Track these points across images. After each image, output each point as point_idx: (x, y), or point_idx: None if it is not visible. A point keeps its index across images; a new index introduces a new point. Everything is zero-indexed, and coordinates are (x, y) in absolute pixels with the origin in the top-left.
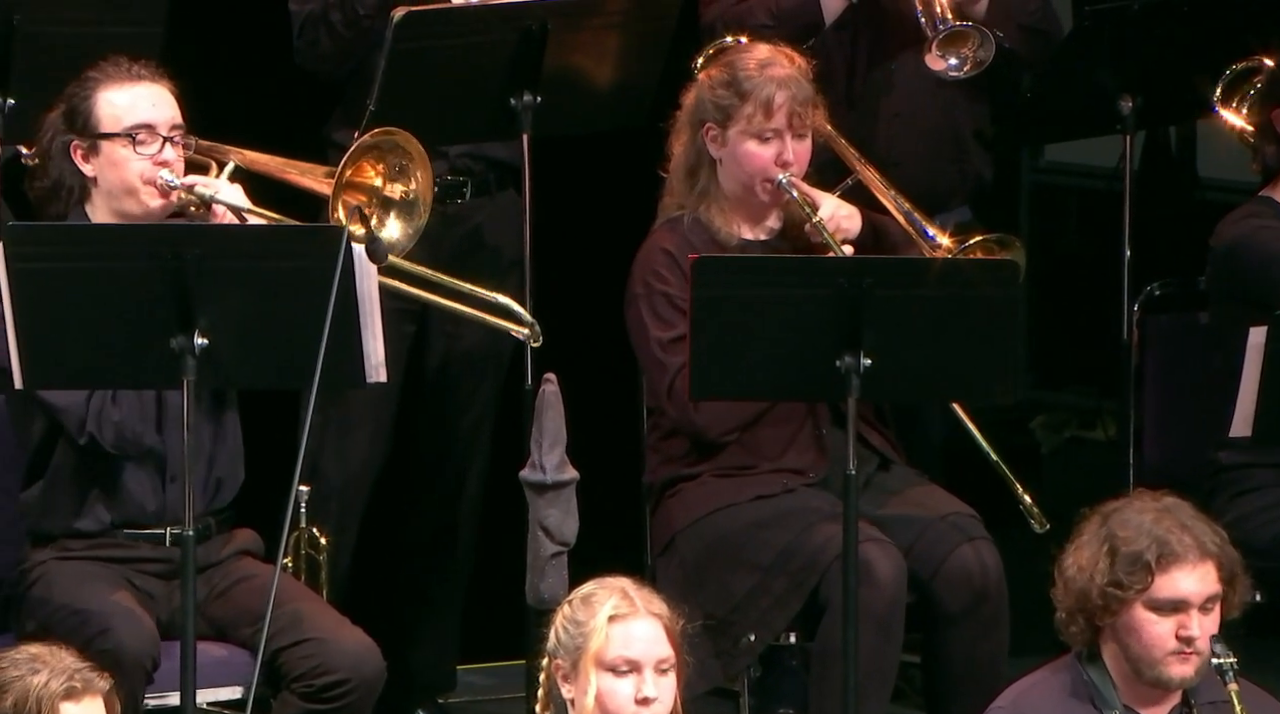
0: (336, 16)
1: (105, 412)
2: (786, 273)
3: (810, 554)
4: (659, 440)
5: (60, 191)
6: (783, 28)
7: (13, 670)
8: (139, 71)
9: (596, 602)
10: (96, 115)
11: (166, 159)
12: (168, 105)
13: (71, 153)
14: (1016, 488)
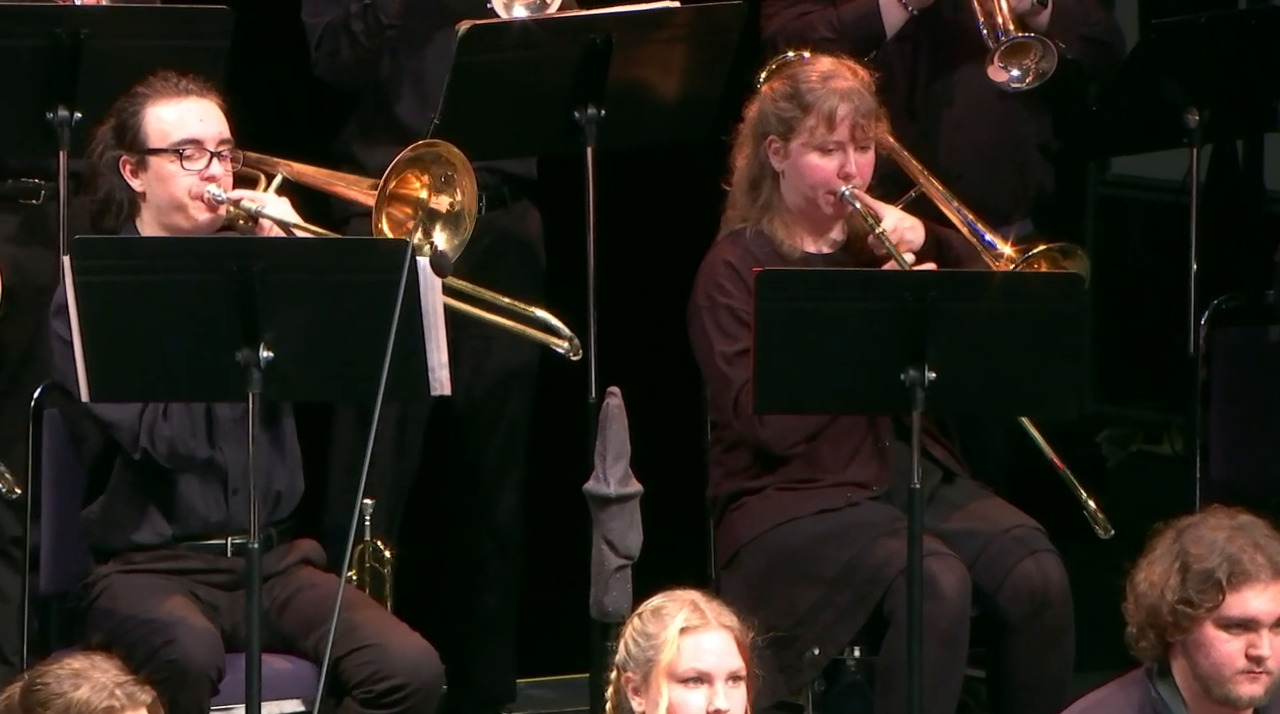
0: (358, 26)
1: (157, 427)
2: (850, 286)
3: (874, 568)
4: (722, 453)
5: (111, 206)
6: (844, 40)
7: (55, 686)
8: (187, 86)
9: (667, 614)
10: (145, 131)
11: (214, 174)
12: (215, 120)
13: (121, 168)
14: (1080, 493)
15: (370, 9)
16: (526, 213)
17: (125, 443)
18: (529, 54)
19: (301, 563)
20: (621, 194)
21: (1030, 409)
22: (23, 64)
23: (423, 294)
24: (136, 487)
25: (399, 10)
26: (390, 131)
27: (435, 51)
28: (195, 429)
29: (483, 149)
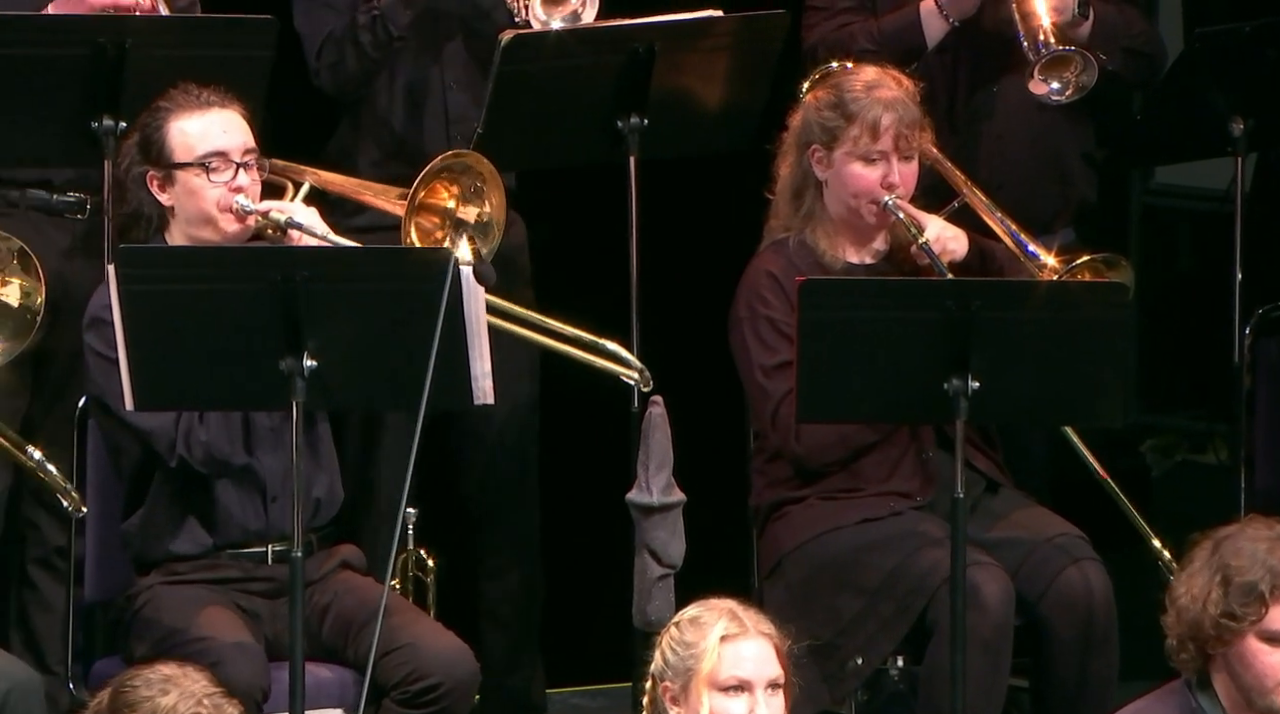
0: (366, 38)
1: (193, 433)
2: (893, 295)
3: (917, 577)
4: (765, 463)
5: (140, 220)
6: (885, 51)
7: (144, 690)
8: (209, 98)
9: (705, 623)
10: (169, 145)
11: (241, 185)
12: (239, 131)
13: (148, 183)
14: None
15: (380, 20)
16: (512, 222)
17: (162, 450)
18: (571, 63)
19: (341, 567)
20: (663, 203)
21: (1074, 419)
22: (68, 73)
23: (465, 303)
24: (175, 498)
25: (409, 22)
26: (381, 138)
27: (426, 59)
28: (232, 436)
29: (525, 158)
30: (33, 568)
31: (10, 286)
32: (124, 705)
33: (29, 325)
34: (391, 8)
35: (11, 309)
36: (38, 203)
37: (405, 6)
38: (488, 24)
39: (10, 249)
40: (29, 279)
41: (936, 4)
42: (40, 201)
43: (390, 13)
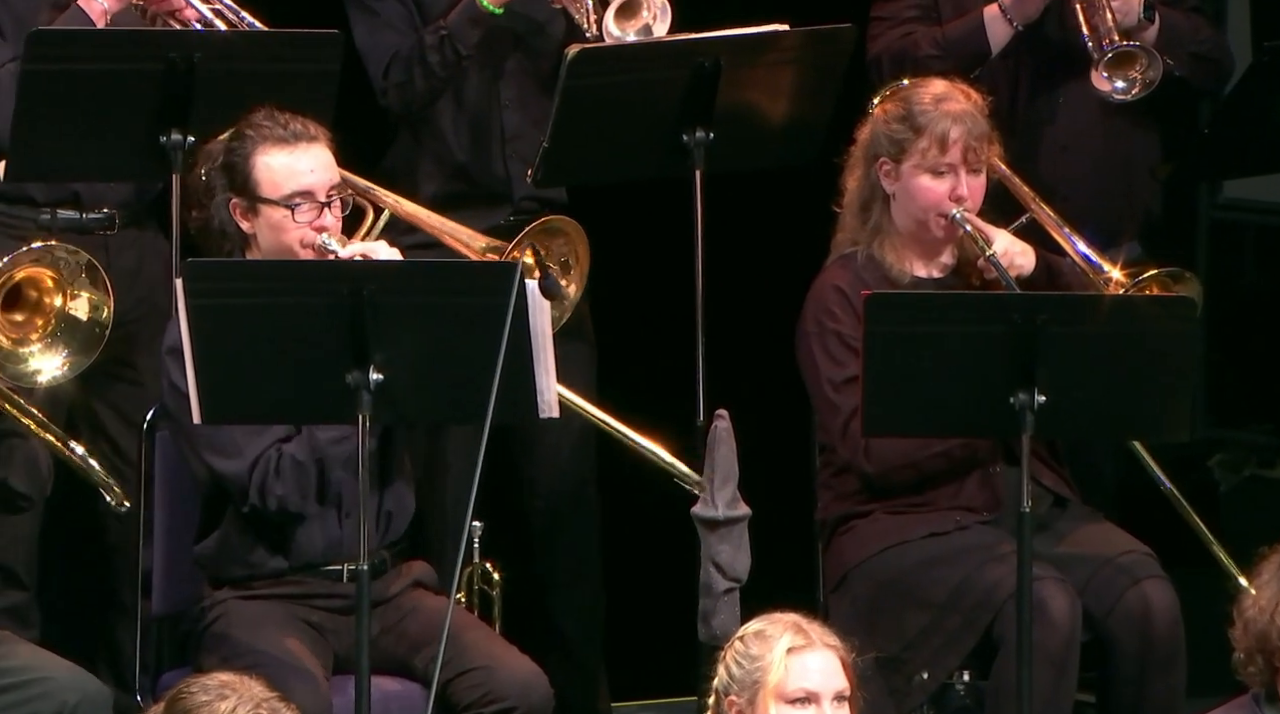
0: (435, 58)
1: (268, 485)
2: (959, 309)
3: (984, 592)
4: (831, 477)
5: (224, 241)
6: (949, 58)
7: (202, 695)
8: (296, 130)
9: (771, 636)
10: (255, 178)
11: (325, 225)
12: (325, 168)
13: (231, 210)
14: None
15: (448, 40)
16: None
17: (235, 497)
18: (638, 77)
19: (413, 586)
20: (730, 216)
21: (1141, 433)
22: (137, 88)
23: (531, 317)
24: (251, 522)
25: (477, 41)
26: (438, 155)
27: (483, 75)
28: (305, 489)
29: (590, 173)
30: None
31: (79, 300)
32: (181, 712)
33: (97, 338)
34: (460, 27)
35: (80, 322)
36: (69, 223)
37: (473, 26)
38: (543, 39)
39: (79, 262)
40: (97, 292)
41: (1000, 9)
42: (71, 222)
43: (458, 32)
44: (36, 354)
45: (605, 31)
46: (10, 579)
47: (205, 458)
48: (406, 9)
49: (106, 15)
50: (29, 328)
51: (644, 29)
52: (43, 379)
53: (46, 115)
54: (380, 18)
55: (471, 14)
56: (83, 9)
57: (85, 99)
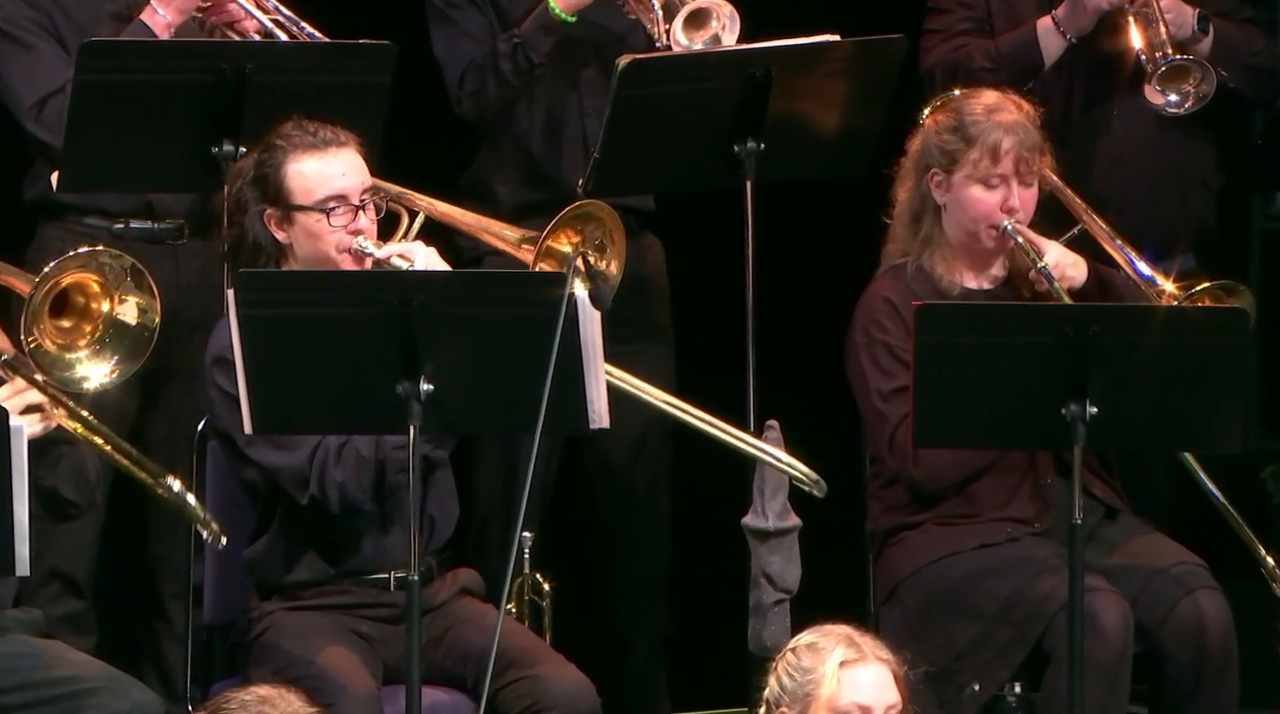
0: (507, 66)
1: (328, 472)
2: (1010, 320)
3: (1035, 603)
4: (881, 488)
5: (259, 252)
6: (1002, 70)
7: (240, 711)
8: (326, 136)
9: (823, 648)
10: (288, 187)
11: (361, 228)
12: (357, 172)
13: (265, 221)
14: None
15: (520, 48)
16: (649, 244)
17: (292, 489)
18: (689, 88)
19: (461, 593)
20: (780, 227)
21: (1193, 444)
22: (188, 99)
23: (581, 327)
24: (299, 526)
25: (549, 50)
26: (520, 166)
27: (565, 85)
28: (365, 484)
29: (641, 183)
30: (169, 600)
31: (127, 304)
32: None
33: (145, 343)
34: (532, 35)
35: (129, 327)
36: (142, 233)
37: (545, 34)
38: (624, 49)
39: (123, 267)
40: (144, 296)
41: (1054, 21)
42: (145, 232)
43: (531, 40)
44: (84, 360)
45: (674, 41)
46: (69, 587)
47: (261, 457)
48: (486, 18)
49: (170, 29)
50: (77, 334)
51: (713, 39)
52: (90, 385)
53: (98, 126)
54: (458, 27)
55: (544, 22)
56: (145, 23)
57: (137, 110)
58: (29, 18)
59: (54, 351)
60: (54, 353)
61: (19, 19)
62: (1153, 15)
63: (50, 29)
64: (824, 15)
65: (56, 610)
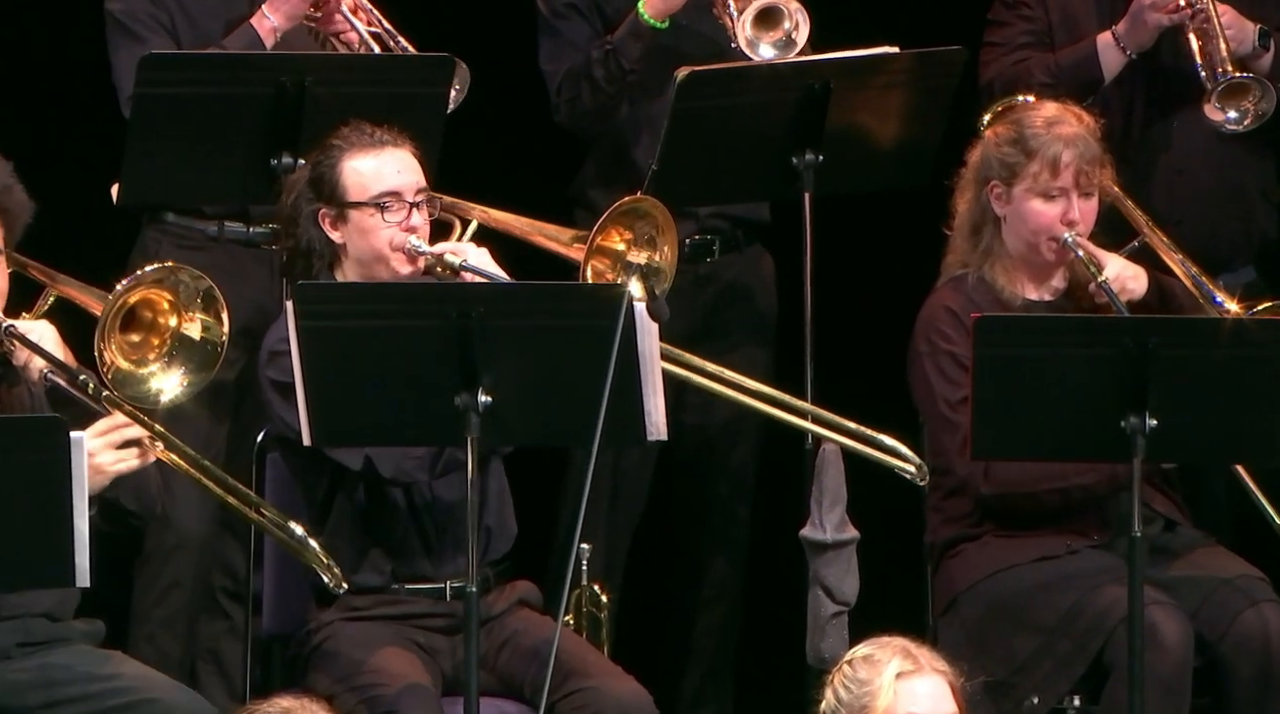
0: (600, 73)
1: None
2: (1069, 332)
3: (1095, 616)
4: (940, 500)
5: (311, 257)
6: (1062, 85)
7: None
8: (381, 137)
9: (879, 660)
10: (343, 184)
11: (414, 225)
12: (412, 170)
13: (320, 221)
14: None
15: (612, 54)
16: (760, 257)
17: (348, 460)
18: (747, 100)
19: (518, 604)
20: (839, 238)
21: (1252, 458)
22: (248, 111)
23: (639, 339)
24: (353, 527)
25: (639, 56)
26: (627, 176)
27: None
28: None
29: (700, 195)
30: (222, 598)
31: (193, 323)
32: None
33: (213, 357)
34: (623, 42)
35: (194, 342)
36: (236, 236)
37: (636, 40)
38: (725, 62)
39: (198, 288)
40: (210, 316)
41: (1114, 37)
42: (238, 234)
43: (622, 46)
44: (156, 374)
45: (743, 40)
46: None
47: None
48: (592, 29)
49: (276, 33)
50: (146, 348)
51: (784, 38)
52: (165, 399)
53: (159, 138)
54: (563, 37)
55: (634, 28)
56: (253, 26)
57: (197, 123)
58: (149, 13)
59: (127, 367)
60: (127, 369)
61: (139, 13)
62: (1212, 31)
63: (168, 27)
64: (882, 27)
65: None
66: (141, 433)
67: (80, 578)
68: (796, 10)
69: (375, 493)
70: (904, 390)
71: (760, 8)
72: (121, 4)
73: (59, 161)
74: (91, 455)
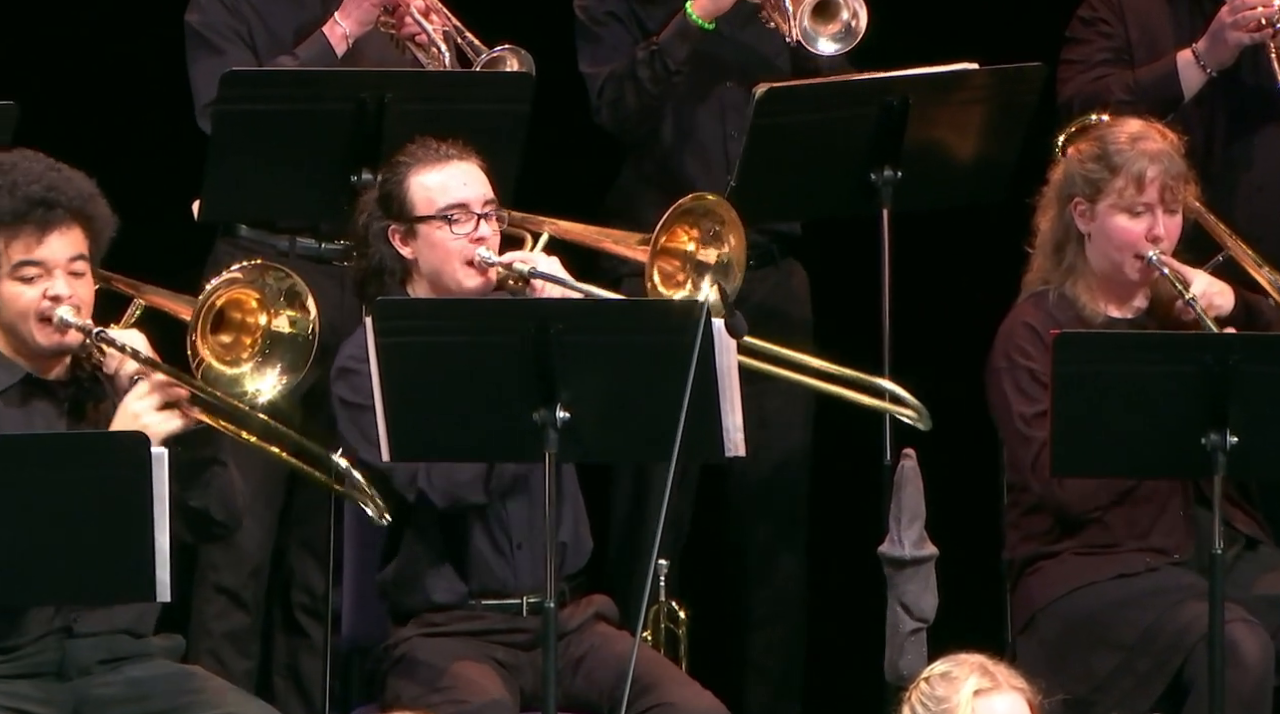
0: (645, 73)
1: (435, 466)
2: (1149, 349)
3: (1175, 634)
4: (1020, 516)
5: (382, 275)
6: (1141, 103)
7: None
8: (447, 151)
9: (957, 678)
10: (411, 199)
11: (482, 236)
12: (479, 182)
13: (390, 237)
14: None
15: (658, 55)
16: (793, 270)
17: (401, 487)
18: (825, 116)
19: (595, 619)
20: (916, 255)
21: None
22: (329, 127)
23: (717, 355)
24: (429, 546)
25: (686, 57)
26: (665, 186)
27: (709, 108)
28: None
29: (778, 211)
30: (300, 615)
31: (280, 318)
32: None
33: (306, 351)
34: (670, 42)
35: (283, 336)
36: (307, 251)
37: (683, 40)
38: (769, 72)
39: (280, 287)
40: (298, 311)
41: (1194, 55)
42: (309, 250)
43: (668, 47)
44: (250, 373)
45: (800, 31)
46: (235, 602)
47: (369, 460)
48: (632, 36)
49: (347, 39)
50: (238, 348)
51: (843, 29)
52: (264, 398)
53: (240, 154)
54: (604, 43)
55: (682, 28)
56: (325, 34)
57: (277, 139)
58: (228, 24)
59: (222, 369)
60: (221, 370)
61: (218, 25)
62: None
63: (246, 39)
64: (960, 43)
65: (221, 627)
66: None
67: (161, 592)
68: (857, 3)
69: None
70: (982, 405)
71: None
72: (200, 15)
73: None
74: (136, 417)
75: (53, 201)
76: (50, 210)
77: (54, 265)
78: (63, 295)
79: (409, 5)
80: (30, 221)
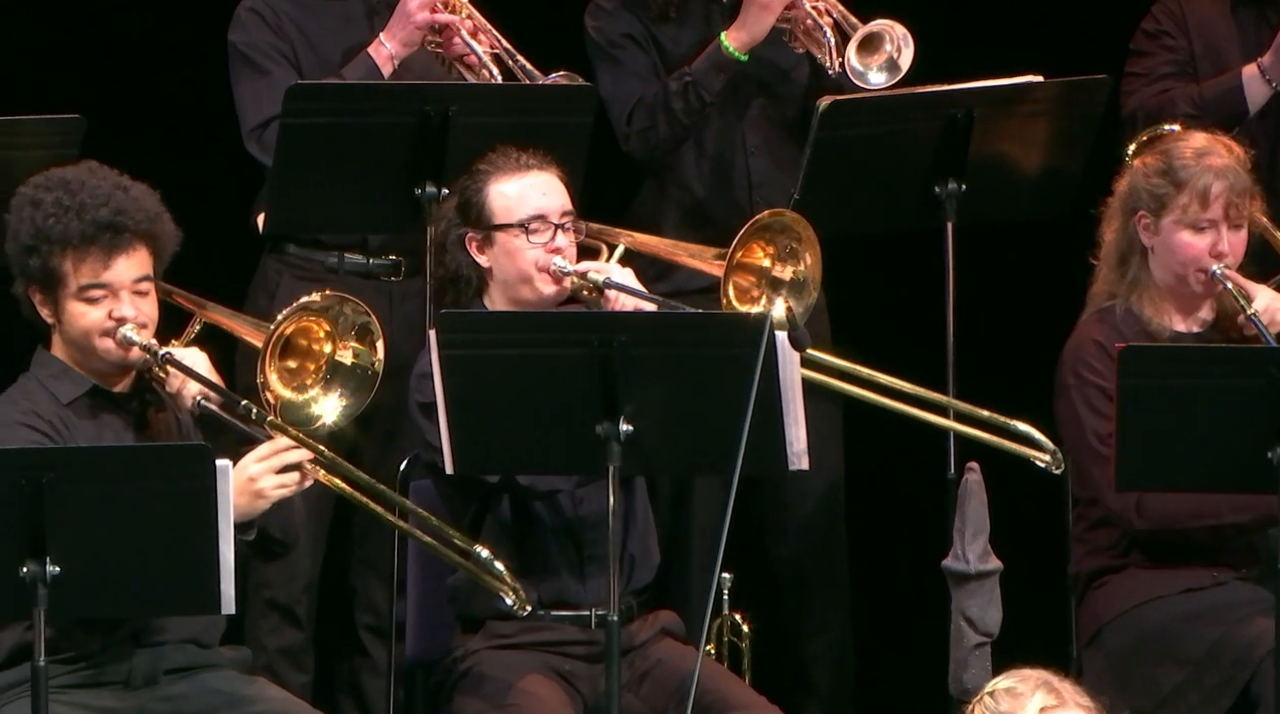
0: (679, 104)
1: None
2: (1215, 363)
3: (1242, 649)
4: (1085, 531)
5: (459, 283)
6: (1206, 117)
7: None
8: (527, 161)
9: (1021, 693)
10: (489, 207)
11: (559, 246)
12: (558, 193)
13: (466, 245)
14: None
15: (692, 87)
16: None
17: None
18: (889, 129)
19: (661, 635)
20: (981, 269)
21: None
22: (392, 140)
23: (780, 368)
24: (502, 554)
25: (721, 88)
26: (684, 201)
27: (728, 122)
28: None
29: (841, 225)
30: (365, 634)
31: (345, 351)
32: None
33: (370, 382)
34: (704, 74)
35: (346, 367)
36: (355, 267)
37: (718, 72)
38: (788, 85)
39: (354, 322)
40: (364, 345)
41: (1259, 69)
42: (358, 266)
43: (703, 79)
44: (316, 399)
45: (848, 68)
46: (288, 618)
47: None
48: (650, 58)
49: (393, 60)
50: (303, 374)
51: (888, 62)
52: (328, 422)
53: (303, 168)
54: (625, 67)
55: (717, 60)
56: (370, 54)
57: (341, 152)
58: (271, 44)
59: (289, 395)
60: (289, 396)
61: (262, 45)
62: None
63: (291, 58)
64: (1024, 56)
65: (275, 643)
66: (303, 456)
67: (226, 605)
68: (901, 36)
69: (523, 517)
70: (1047, 420)
71: (864, 35)
72: (243, 35)
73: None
74: (253, 480)
75: (120, 226)
76: (118, 235)
77: (120, 287)
78: (128, 316)
79: (458, 26)
80: (98, 245)
